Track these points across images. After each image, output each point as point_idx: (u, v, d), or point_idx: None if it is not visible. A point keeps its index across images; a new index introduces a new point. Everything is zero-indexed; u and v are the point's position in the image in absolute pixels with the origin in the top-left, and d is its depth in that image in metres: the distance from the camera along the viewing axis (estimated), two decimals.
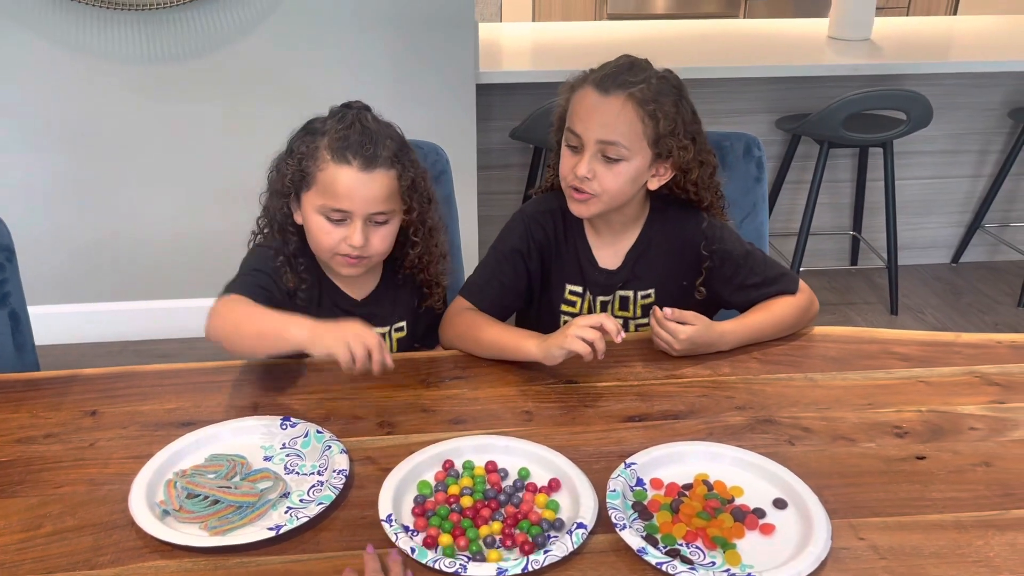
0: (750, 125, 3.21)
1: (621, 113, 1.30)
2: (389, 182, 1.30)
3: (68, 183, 2.71)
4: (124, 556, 0.96)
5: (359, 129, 1.29)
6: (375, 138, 1.29)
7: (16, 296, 1.41)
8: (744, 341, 1.38)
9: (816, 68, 2.95)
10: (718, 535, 0.98)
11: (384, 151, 1.29)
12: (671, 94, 1.32)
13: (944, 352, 1.39)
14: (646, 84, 1.30)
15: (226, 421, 1.18)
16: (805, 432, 1.19)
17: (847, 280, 3.43)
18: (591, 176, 1.32)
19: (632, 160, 1.33)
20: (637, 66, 1.33)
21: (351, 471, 1.09)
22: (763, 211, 1.75)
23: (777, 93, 3.18)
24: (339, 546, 0.98)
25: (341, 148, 1.27)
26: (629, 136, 1.31)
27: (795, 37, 3.43)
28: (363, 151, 1.27)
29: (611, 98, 1.30)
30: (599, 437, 1.17)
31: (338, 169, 1.27)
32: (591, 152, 1.32)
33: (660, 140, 1.31)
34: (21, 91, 2.58)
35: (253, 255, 1.37)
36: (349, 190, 1.27)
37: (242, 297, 1.26)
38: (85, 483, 1.08)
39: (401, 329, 1.45)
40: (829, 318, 3.15)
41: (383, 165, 1.29)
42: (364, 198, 1.28)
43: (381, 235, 1.32)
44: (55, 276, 2.81)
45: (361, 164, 1.27)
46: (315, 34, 2.62)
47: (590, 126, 1.31)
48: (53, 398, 1.25)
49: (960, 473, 1.11)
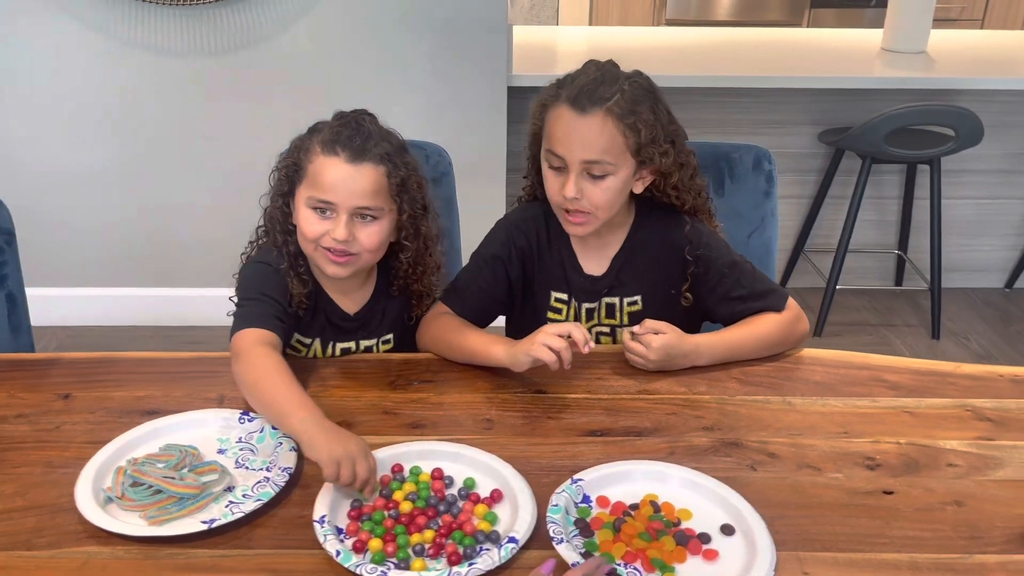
0: (792, 137, 3.13)
1: (602, 131, 1.27)
2: (377, 177, 1.29)
3: (108, 172, 2.79)
4: (62, 539, 0.98)
5: (353, 126, 1.29)
6: (367, 135, 1.29)
7: (14, 278, 1.46)
8: (721, 356, 1.33)
9: (858, 80, 2.85)
10: (657, 557, 0.96)
11: (375, 148, 1.29)
12: (646, 99, 1.29)
13: (938, 383, 1.32)
14: (620, 95, 1.27)
15: (188, 412, 1.19)
16: (770, 458, 1.14)
17: (889, 301, 3.31)
18: (580, 196, 1.30)
19: (618, 173, 1.30)
20: (608, 76, 1.29)
21: (298, 469, 1.09)
22: (772, 226, 1.70)
23: (822, 105, 3.09)
24: (271, 544, 0.98)
25: (331, 141, 1.28)
26: (612, 152, 1.28)
27: (847, 48, 3.33)
28: (351, 144, 1.27)
29: (589, 117, 1.26)
30: (555, 450, 1.15)
31: (326, 160, 1.27)
32: (576, 172, 1.29)
33: (642, 149, 1.29)
34: (65, 81, 2.67)
35: (255, 274, 1.33)
36: (334, 181, 1.27)
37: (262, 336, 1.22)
38: (42, 465, 1.10)
39: (388, 341, 1.44)
40: (866, 339, 3.05)
41: (371, 160, 1.28)
42: (349, 190, 1.27)
43: (368, 232, 1.30)
44: (93, 260, 2.90)
45: (348, 156, 1.27)
46: (350, 33, 2.65)
47: (572, 148, 1.28)
48: (32, 380, 1.29)
49: (928, 511, 1.05)
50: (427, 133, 2.40)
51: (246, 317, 1.25)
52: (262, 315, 1.26)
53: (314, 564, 0.95)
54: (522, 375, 1.30)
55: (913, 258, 3.29)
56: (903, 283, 3.38)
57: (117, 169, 2.80)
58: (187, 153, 2.77)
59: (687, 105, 3.05)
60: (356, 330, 1.41)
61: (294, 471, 1.08)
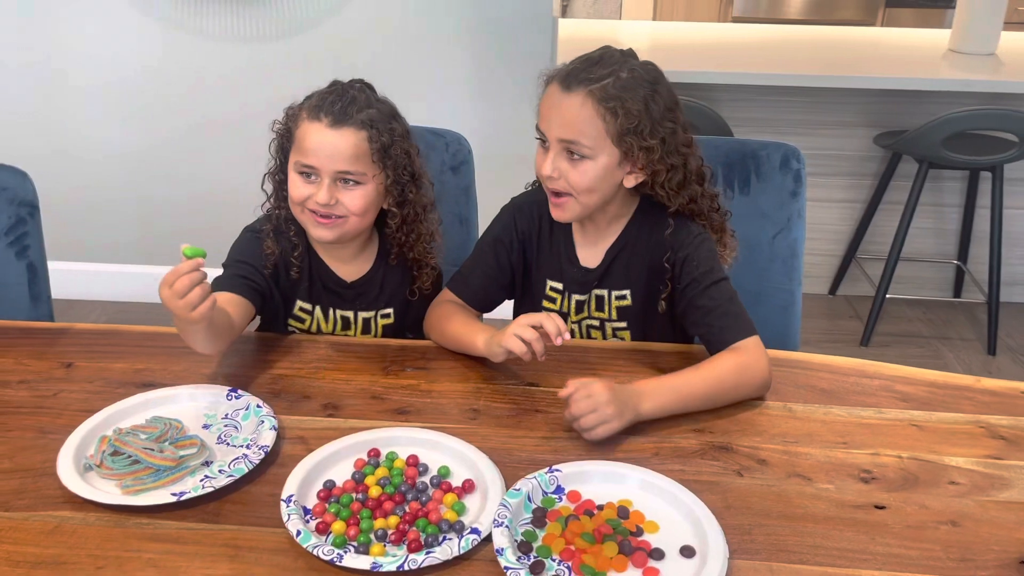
0: (847, 139, 3.03)
1: (581, 111, 1.23)
2: (357, 142, 1.30)
3: (161, 154, 2.87)
4: (40, 503, 1.01)
5: (339, 93, 1.32)
6: (351, 100, 1.31)
7: (35, 249, 1.50)
8: (668, 402, 1.17)
9: (917, 81, 2.73)
10: (590, 564, 0.91)
11: (358, 113, 1.31)
12: (641, 89, 1.24)
13: (953, 397, 1.26)
14: (612, 79, 1.23)
15: (180, 386, 1.21)
16: (759, 464, 1.10)
17: (946, 313, 3.18)
18: (556, 175, 1.28)
19: (597, 158, 1.26)
20: (608, 59, 1.25)
21: (276, 448, 1.10)
22: (799, 228, 1.64)
23: (881, 107, 2.98)
24: (238, 520, 0.99)
25: (316, 107, 1.31)
26: (589, 134, 1.24)
27: (913, 48, 3.21)
28: (333, 109, 1.30)
29: (571, 95, 1.24)
30: (537, 443, 1.13)
31: (310, 125, 1.31)
32: (556, 150, 1.27)
33: (621, 137, 1.25)
34: (119, 67, 2.75)
35: (239, 242, 1.41)
36: (316, 146, 1.30)
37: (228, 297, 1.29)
38: (34, 430, 1.13)
39: (388, 316, 1.45)
40: (916, 351, 2.93)
41: (352, 125, 1.30)
42: (329, 154, 1.30)
43: (351, 196, 1.32)
44: (138, 239, 2.99)
45: (330, 121, 1.30)
46: (397, 19, 2.67)
47: (551, 124, 1.26)
48: (40, 347, 1.33)
49: (919, 529, 1.00)
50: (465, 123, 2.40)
51: (216, 282, 1.32)
52: (231, 279, 1.33)
53: (277, 543, 0.95)
54: (516, 368, 1.29)
55: (972, 269, 3.15)
56: (961, 295, 3.24)
57: (170, 152, 2.87)
58: (237, 137, 2.82)
59: (737, 103, 2.98)
60: (354, 299, 1.43)
61: (271, 450, 1.08)
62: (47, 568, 0.91)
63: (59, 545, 0.94)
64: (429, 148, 1.69)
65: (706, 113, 2.53)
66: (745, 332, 1.26)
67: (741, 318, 1.28)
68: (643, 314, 1.39)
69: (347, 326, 1.44)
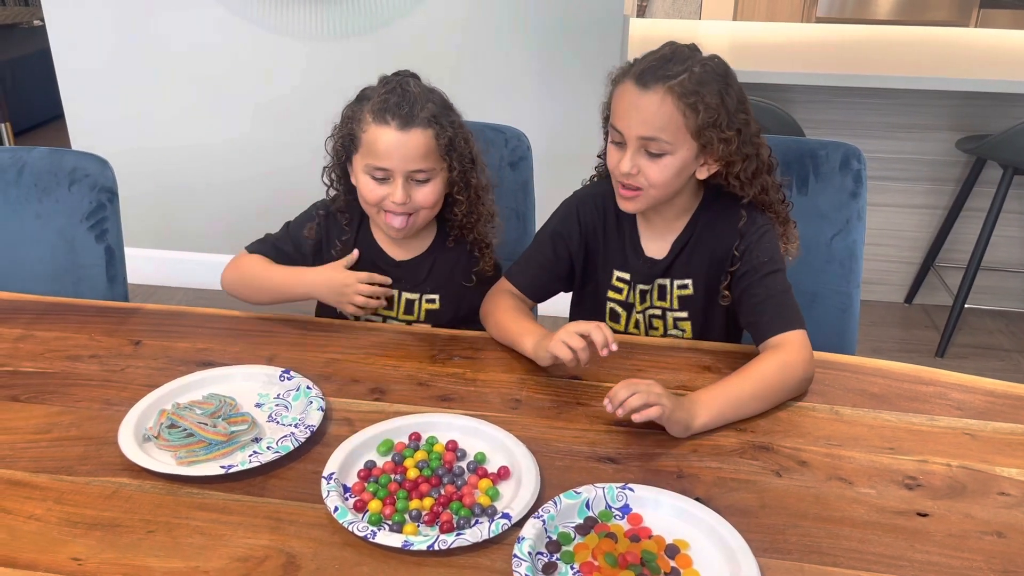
0: (928, 143, 2.93)
1: (661, 108, 1.24)
2: (426, 141, 1.35)
3: (243, 147, 2.98)
4: (101, 469, 1.07)
5: (399, 93, 1.36)
6: (413, 100, 1.36)
7: (113, 233, 1.59)
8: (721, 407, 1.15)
9: (1003, 84, 2.62)
10: None
11: (422, 112, 1.35)
12: (715, 83, 1.25)
13: (1014, 407, 1.21)
14: (688, 74, 1.24)
15: (237, 365, 1.26)
16: (799, 465, 1.09)
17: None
18: (635, 172, 1.29)
19: (677, 153, 1.27)
20: (679, 55, 1.26)
21: (323, 428, 1.14)
22: (858, 229, 1.60)
23: (964, 110, 2.88)
24: (282, 494, 1.03)
25: (381, 111, 1.35)
26: (670, 130, 1.26)
27: (1004, 50, 3.08)
28: (400, 112, 1.34)
29: (650, 92, 1.25)
30: (576, 435, 1.14)
31: (378, 130, 1.35)
32: (634, 148, 1.28)
33: (702, 131, 1.25)
34: (207, 63, 2.87)
35: (302, 215, 1.54)
36: (388, 149, 1.34)
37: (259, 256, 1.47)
38: (101, 402, 1.20)
39: (433, 301, 1.49)
40: (996, 364, 2.82)
41: (419, 125, 1.35)
42: (402, 156, 1.35)
43: (424, 192, 1.39)
44: (222, 228, 3.10)
45: (399, 124, 1.34)
46: (468, 18, 2.71)
47: (631, 123, 1.27)
48: (113, 325, 1.40)
49: (962, 539, 0.97)
50: (530, 121, 2.42)
51: (256, 245, 1.51)
52: (271, 245, 1.50)
53: (316, 518, 0.99)
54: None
55: None
56: None
57: (254, 146, 2.98)
58: (313, 131, 2.90)
59: (813, 105, 2.92)
60: (397, 279, 1.47)
61: (317, 429, 1.12)
62: (103, 529, 0.97)
63: (115, 509, 1.00)
64: (489, 144, 1.72)
65: (777, 114, 2.49)
66: (792, 325, 1.25)
67: (791, 310, 1.27)
68: (705, 304, 1.39)
69: (388, 305, 1.48)
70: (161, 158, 3.02)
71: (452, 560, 0.93)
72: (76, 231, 1.61)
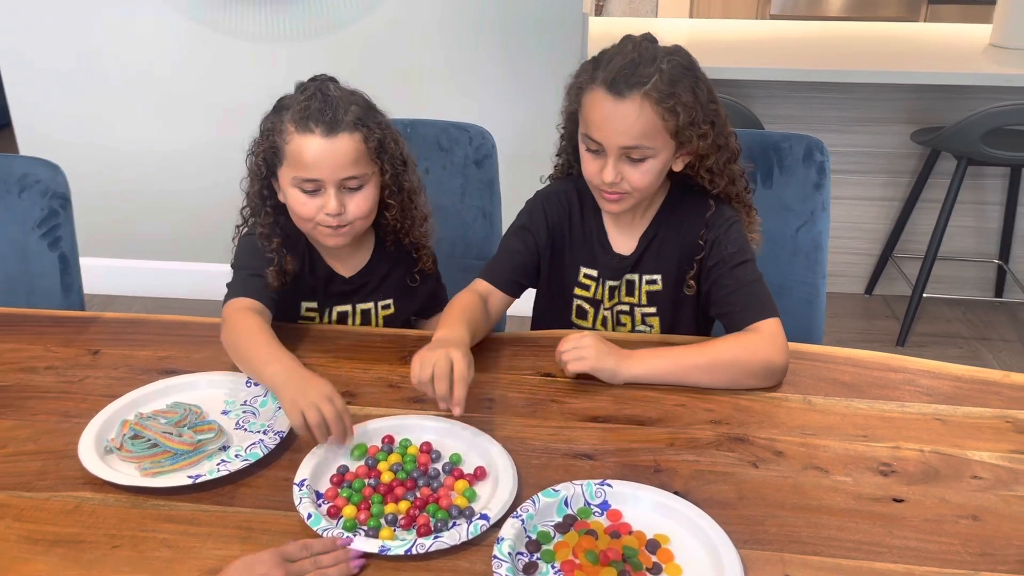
0: (884, 136, 2.98)
1: (640, 116, 1.22)
2: (355, 145, 1.30)
3: (189, 149, 2.92)
4: (61, 484, 1.03)
5: (320, 98, 1.30)
6: (336, 104, 1.30)
7: (67, 241, 1.54)
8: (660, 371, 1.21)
9: (956, 76, 2.67)
10: None
11: (347, 116, 1.29)
12: (685, 78, 1.24)
13: (981, 392, 1.23)
14: (659, 75, 1.22)
15: (201, 372, 1.23)
16: (775, 456, 1.09)
17: (987, 314, 3.11)
18: (619, 180, 1.27)
19: (658, 156, 1.27)
20: (645, 56, 1.24)
21: (291, 434, 1.11)
22: (823, 221, 1.62)
23: (918, 103, 2.92)
24: (252, 503, 1.00)
25: (303, 118, 1.29)
26: (651, 136, 1.24)
27: (952, 43, 3.14)
28: (323, 118, 1.28)
29: (626, 101, 1.22)
30: (552, 433, 1.13)
31: (303, 139, 1.29)
32: (615, 156, 1.26)
33: (680, 131, 1.24)
34: (152, 65, 2.80)
35: (243, 248, 1.39)
36: (316, 158, 1.28)
37: (249, 304, 1.28)
38: (59, 414, 1.16)
39: (388, 307, 1.46)
40: (955, 352, 2.87)
41: (346, 129, 1.29)
42: (331, 164, 1.29)
43: (357, 201, 1.32)
44: (180, 235, 3.04)
45: (324, 131, 1.28)
46: (423, 20, 2.68)
47: (609, 134, 1.24)
48: (69, 335, 1.36)
49: (938, 523, 0.98)
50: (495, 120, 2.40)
51: (237, 287, 1.31)
52: (253, 286, 1.31)
53: (288, 526, 0.96)
54: (533, 358, 1.29)
55: (1015, 269, 3.07)
56: (1003, 295, 3.16)
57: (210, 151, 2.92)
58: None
59: (772, 100, 2.95)
60: (352, 293, 1.43)
61: (286, 435, 1.09)
62: (65, 546, 0.93)
63: (78, 524, 0.96)
64: (453, 142, 1.70)
65: (738, 109, 2.50)
66: (765, 313, 1.25)
67: (763, 299, 1.28)
68: (673, 299, 1.38)
69: (343, 320, 1.44)
70: (114, 164, 2.95)
71: (431, 564, 0.91)
72: (28, 239, 1.56)
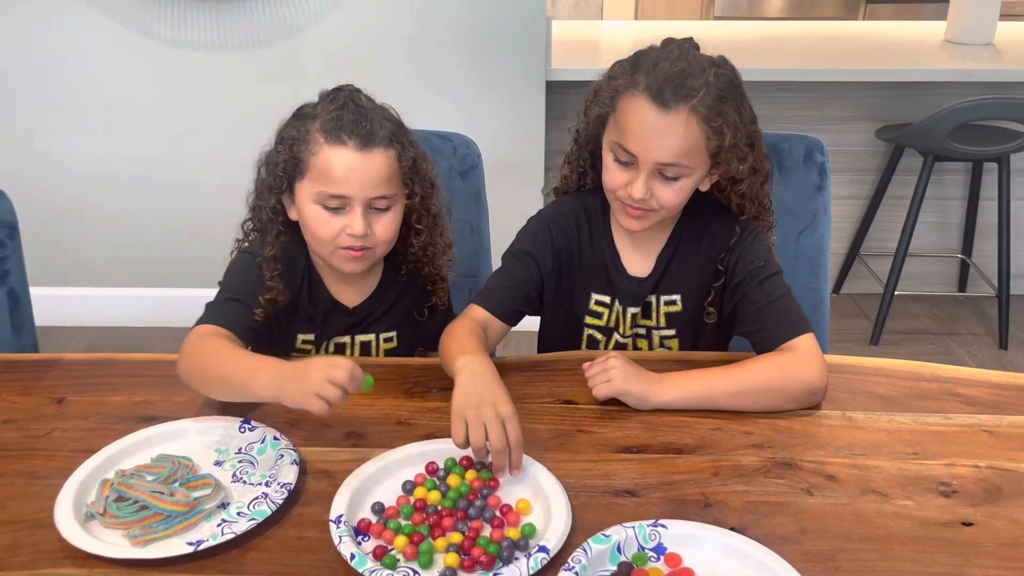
0: (848, 135, 2.96)
1: (685, 132, 1.12)
2: (389, 163, 1.19)
3: (140, 166, 2.74)
4: (37, 559, 0.89)
5: (353, 109, 1.18)
6: (371, 117, 1.18)
7: (16, 274, 1.39)
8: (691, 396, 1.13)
9: (919, 72, 2.68)
10: None
11: (381, 130, 1.18)
12: (732, 96, 1.14)
13: (1020, 398, 1.17)
14: (706, 89, 1.12)
15: (185, 419, 1.10)
16: (828, 481, 1.01)
17: (953, 308, 3.12)
18: (648, 196, 1.18)
19: (693, 175, 1.18)
20: (693, 64, 1.13)
21: (299, 486, 0.99)
22: (824, 223, 1.56)
23: (880, 100, 2.92)
24: (264, 569, 0.88)
25: (335, 129, 1.17)
26: (692, 155, 1.15)
27: (907, 40, 3.16)
28: (359, 130, 1.16)
29: (672, 114, 1.12)
30: (585, 467, 1.03)
31: (333, 151, 1.16)
32: (648, 171, 1.16)
33: (722, 153, 1.15)
34: (97, 76, 2.62)
35: (236, 266, 1.26)
36: (346, 173, 1.16)
37: (215, 330, 1.14)
38: (26, 475, 1.02)
39: (391, 339, 1.34)
40: (927, 348, 2.87)
41: (381, 144, 1.18)
42: (363, 181, 1.17)
43: (384, 223, 1.21)
44: (126, 259, 2.85)
45: (357, 144, 1.16)
46: (384, 24, 2.57)
47: (648, 147, 1.14)
48: (28, 382, 1.21)
49: (1014, 547, 0.91)
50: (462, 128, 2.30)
51: (212, 312, 1.18)
52: (229, 313, 1.18)
53: None
54: (549, 384, 1.20)
55: (978, 263, 3.09)
56: (967, 289, 3.18)
57: (147, 165, 2.74)
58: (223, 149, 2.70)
59: None
60: (354, 325, 1.31)
61: (294, 487, 0.97)
62: None
63: None
64: (436, 153, 1.59)
65: None
66: (798, 330, 1.17)
67: (795, 314, 1.19)
68: (694, 320, 1.30)
69: (340, 352, 1.32)
70: (53, 186, 2.75)
71: None
72: None
